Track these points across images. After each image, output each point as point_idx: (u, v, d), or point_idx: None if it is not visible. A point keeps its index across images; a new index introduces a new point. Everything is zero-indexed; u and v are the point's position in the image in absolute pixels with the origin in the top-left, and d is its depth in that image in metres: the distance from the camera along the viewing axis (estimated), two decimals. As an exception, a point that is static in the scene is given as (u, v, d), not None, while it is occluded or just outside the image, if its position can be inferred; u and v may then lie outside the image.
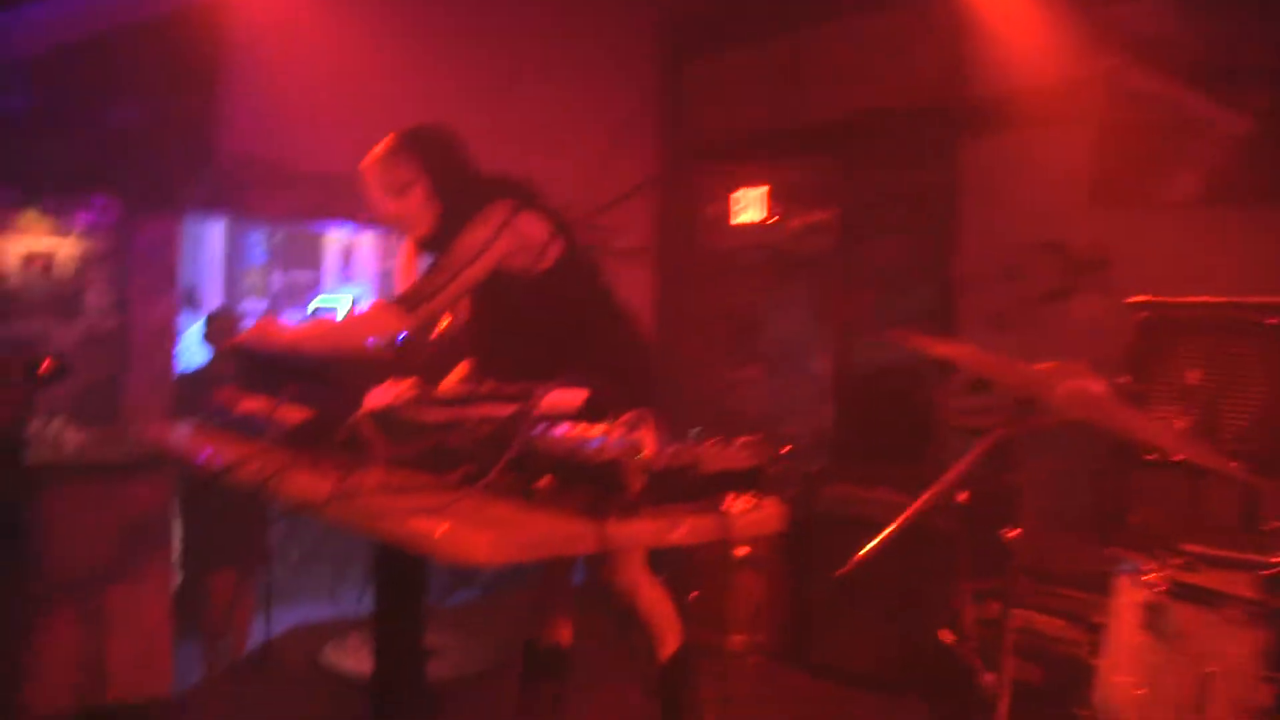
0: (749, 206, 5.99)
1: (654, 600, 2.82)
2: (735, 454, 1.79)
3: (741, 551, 4.41)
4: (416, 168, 2.67)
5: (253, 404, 2.39)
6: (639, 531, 1.61)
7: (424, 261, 2.73)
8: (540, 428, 1.74)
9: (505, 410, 1.79)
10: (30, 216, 4.51)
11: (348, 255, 8.10)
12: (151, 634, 4.66)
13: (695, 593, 4.43)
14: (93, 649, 4.47)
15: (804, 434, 5.45)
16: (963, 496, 3.63)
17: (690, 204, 6.29)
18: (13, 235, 4.49)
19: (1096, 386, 2.05)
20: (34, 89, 3.99)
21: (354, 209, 5.46)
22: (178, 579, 4.82)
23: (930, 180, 5.19)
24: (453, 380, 2.62)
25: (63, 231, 4.61)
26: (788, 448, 4.79)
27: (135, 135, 4.38)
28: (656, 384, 2.78)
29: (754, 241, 5.96)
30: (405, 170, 2.67)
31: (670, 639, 2.86)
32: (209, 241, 8.02)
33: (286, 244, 8.17)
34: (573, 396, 1.87)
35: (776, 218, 5.88)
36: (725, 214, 6.10)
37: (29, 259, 4.53)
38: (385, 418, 1.86)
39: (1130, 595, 2.30)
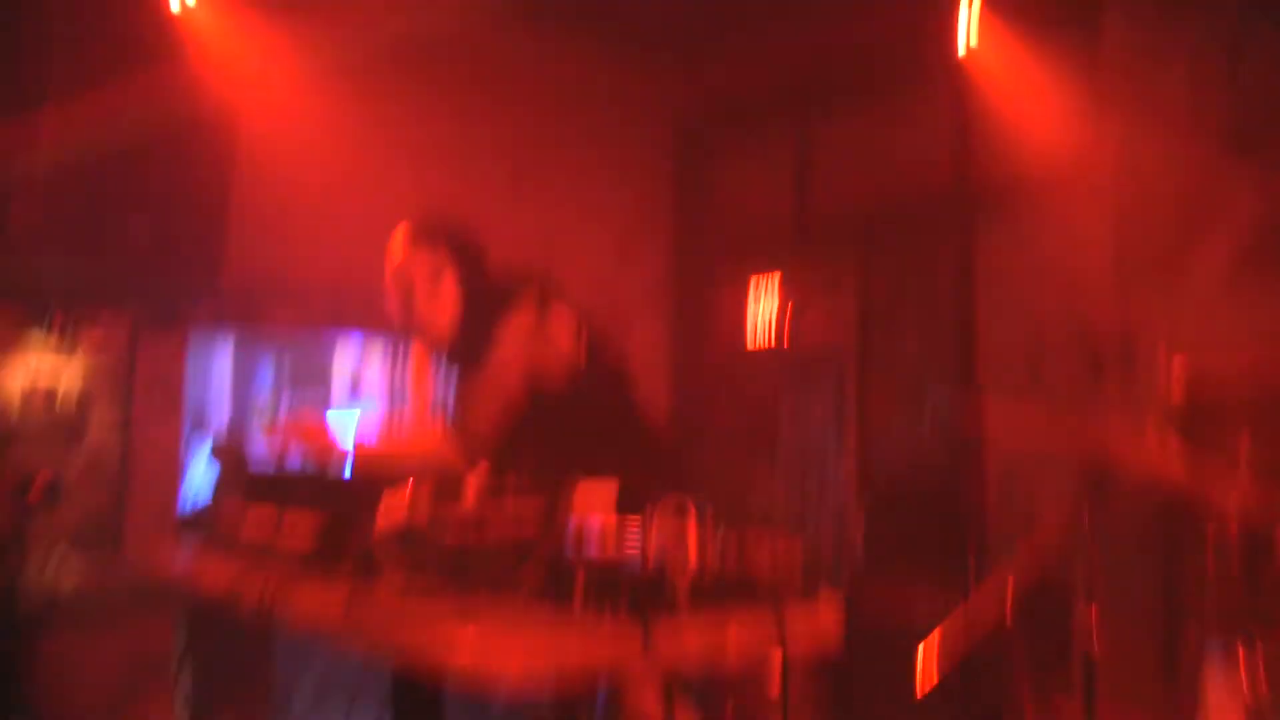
0: (764, 304, 5.89)
1: None
2: (784, 550, 1.62)
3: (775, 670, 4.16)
4: (442, 257, 2.49)
5: (259, 521, 2.22)
6: (687, 644, 1.43)
7: (439, 365, 2.59)
8: (572, 527, 1.57)
9: (533, 510, 1.63)
10: (35, 336, 4.40)
11: (357, 373, 7.99)
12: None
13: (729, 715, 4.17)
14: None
15: (829, 537, 5.25)
16: (1011, 589, 3.45)
17: (703, 306, 6.20)
18: (15, 359, 4.37)
19: (1171, 447, 1.89)
20: (39, 205, 3.92)
21: (362, 319, 5.43)
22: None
23: (947, 267, 5.09)
24: (471, 483, 2.45)
25: (67, 350, 4.50)
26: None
27: (141, 252, 4.30)
28: (684, 482, 2.61)
29: (770, 340, 5.85)
30: (430, 261, 2.48)
31: None
32: (216, 363, 7.93)
33: (295, 364, 8.07)
34: (604, 490, 1.70)
35: (792, 315, 5.77)
36: (740, 313, 6.00)
37: (30, 393, 4.39)
38: (403, 538, 1.70)
39: (1227, 682, 2.08)
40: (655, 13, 5.43)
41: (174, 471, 4.80)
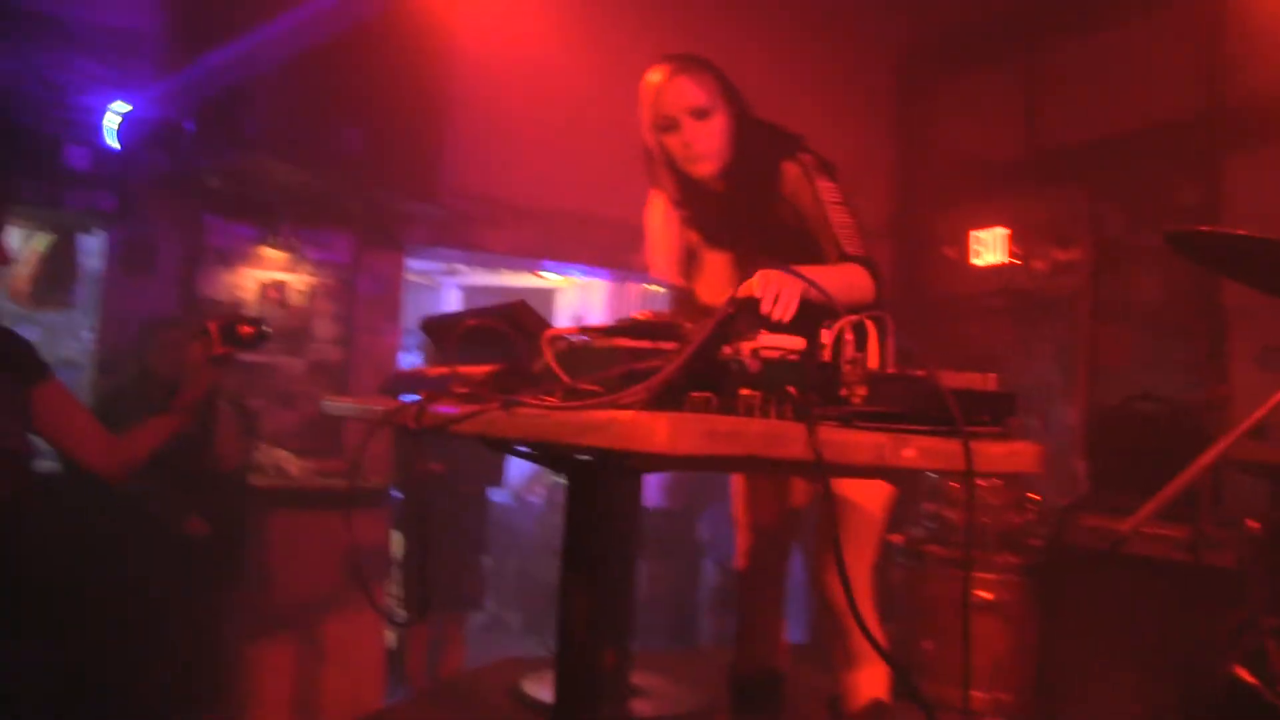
0: (989, 246, 5.58)
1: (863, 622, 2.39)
2: (980, 378, 1.48)
3: (986, 595, 3.94)
4: (715, 92, 2.27)
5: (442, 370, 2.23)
6: (857, 442, 1.32)
7: (685, 223, 2.43)
8: (740, 336, 1.47)
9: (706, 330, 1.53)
10: (267, 250, 4.67)
11: (579, 315, 8.11)
12: (365, 667, 4.63)
13: (929, 642, 3.99)
14: (309, 677, 4.47)
15: (1050, 491, 4.92)
16: (1254, 525, 3.15)
17: (926, 243, 5.94)
18: (252, 267, 4.66)
19: None
20: (266, 111, 4.11)
21: (581, 249, 5.44)
22: (394, 617, 4.77)
23: (1190, 203, 4.68)
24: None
25: (295, 265, 4.75)
26: (1036, 497, 4.34)
27: (363, 167, 4.45)
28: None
29: (994, 284, 5.53)
30: (704, 91, 2.25)
31: (866, 682, 2.38)
32: (444, 300, 8.28)
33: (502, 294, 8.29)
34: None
35: (1018, 257, 5.44)
36: (963, 254, 5.71)
37: (265, 287, 4.67)
38: (568, 350, 1.64)
39: None
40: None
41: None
